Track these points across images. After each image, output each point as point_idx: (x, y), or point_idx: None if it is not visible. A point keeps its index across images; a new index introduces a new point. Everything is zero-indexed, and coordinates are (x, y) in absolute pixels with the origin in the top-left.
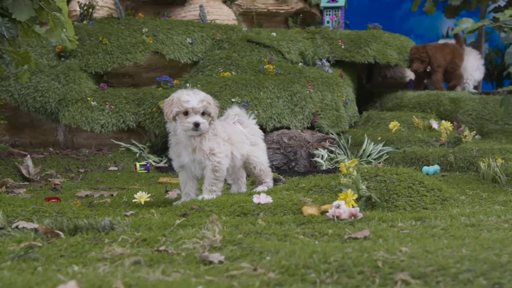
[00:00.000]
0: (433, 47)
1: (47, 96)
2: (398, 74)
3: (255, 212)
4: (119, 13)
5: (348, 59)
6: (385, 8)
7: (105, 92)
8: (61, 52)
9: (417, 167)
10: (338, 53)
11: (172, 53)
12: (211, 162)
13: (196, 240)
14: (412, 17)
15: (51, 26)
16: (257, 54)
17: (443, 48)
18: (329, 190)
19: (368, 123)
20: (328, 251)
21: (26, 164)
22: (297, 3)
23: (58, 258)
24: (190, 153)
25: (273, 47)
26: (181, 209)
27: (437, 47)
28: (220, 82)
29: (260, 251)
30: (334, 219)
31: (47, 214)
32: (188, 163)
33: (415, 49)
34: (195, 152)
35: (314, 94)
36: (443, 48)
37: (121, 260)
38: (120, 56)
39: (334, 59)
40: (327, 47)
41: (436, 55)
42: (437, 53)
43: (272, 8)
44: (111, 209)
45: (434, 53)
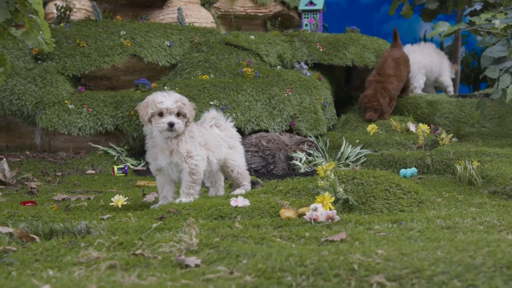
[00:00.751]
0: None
1: (23, 99)
2: None
3: (232, 215)
4: (97, 16)
5: (326, 62)
6: (364, 11)
7: (82, 95)
8: (37, 54)
9: (395, 169)
10: (316, 56)
11: (150, 56)
12: (188, 165)
13: (172, 244)
14: (391, 20)
15: (27, 29)
16: (235, 57)
17: (393, 81)
18: (307, 193)
19: (346, 126)
20: (305, 254)
21: (2, 168)
22: (275, 6)
23: (33, 262)
24: (167, 156)
25: (251, 50)
26: (158, 212)
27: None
28: (198, 85)
29: (236, 254)
30: (311, 222)
31: (23, 218)
32: (165, 166)
33: (366, 98)
34: (172, 155)
35: (292, 97)
36: (393, 82)
37: (96, 264)
38: (97, 59)
39: (312, 62)
40: (306, 50)
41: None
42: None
43: (251, 11)
44: (88, 212)
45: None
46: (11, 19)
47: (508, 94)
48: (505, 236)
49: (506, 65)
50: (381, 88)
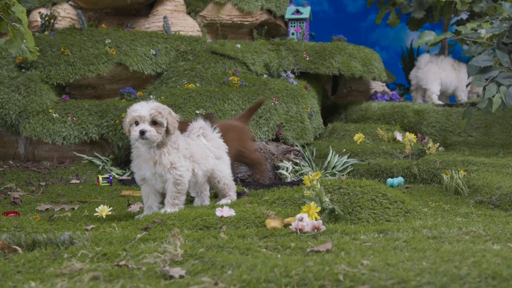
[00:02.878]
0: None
1: (7, 108)
2: (363, 86)
3: (217, 225)
4: (82, 24)
5: (313, 71)
6: (350, 20)
7: (67, 104)
8: (21, 63)
9: (382, 179)
10: (302, 64)
11: (135, 64)
12: (172, 175)
13: (157, 255)
14: (377, 29)
15: (10, 37)
16: (221, 65)
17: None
18: (293, 203)
19: (333, 135)
20: (290, 264)
21: None
22: (261, 15)
23: (15, 274)
24: (151, 166)
25: (237, 59)
26: (143, 222)
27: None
28: (184, 94)
29: (221, 265)
30: (297, 232)
31: (5, 228)
32: (149, 176)
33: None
34: (155, 165)
35: (279, 106)
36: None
37: (80, 275)
38: (82, 68)
39: (299, 71)
40: (292, 59)
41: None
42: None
43: (237, 20)
44: (72, 223)
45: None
46: None
47: (494, 104)
48: (491, 246)
49: (492, 75)
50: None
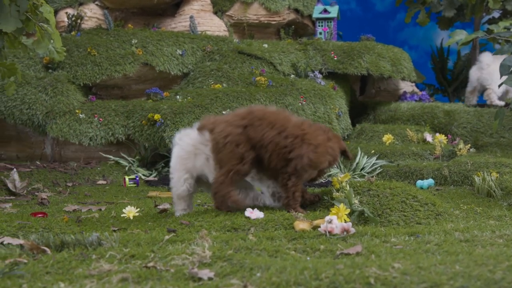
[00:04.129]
0: None
1: (34, 108)
2: (392, 86)
3: (245, 227)
4: (108, 24)
5: (341, 71)
6: (379, 19)
7: (93, 104)
8: (48, 63)
9: (411, 180)
10: (330, 64)
11: (162, 64)
12: None
13: (185, 256)
14: (406, 28)
15: (38, 37)
16: (248, 65)
17: None
18: (321, 205)
19: (361, 136)
20: (320, 267)
21: (12, 178)
22: (289, 14)
23: (44, 275)
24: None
25: (264, 59)
26: (170, 224)
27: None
28: (211, 94)
29: (250, 267)
30: (326, 234)
31: (34, 229)
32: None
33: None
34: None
35: (306, 106)
36: None
37: (108, 276)
38: (109, 68)
39: (326, 71)
40: (320, 59)
41: None
42: None
43: (264, 19)
44: (99, 224)
45: None
46: (22, 28)
47: None
48: None
49: None
50: None
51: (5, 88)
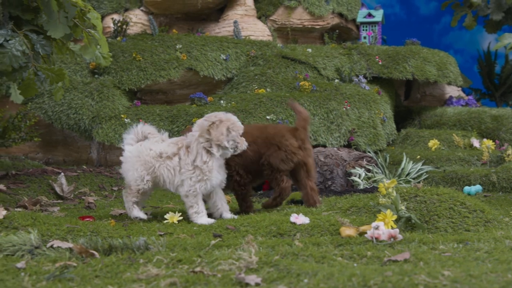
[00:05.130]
0: None
1: (80, 113)
2: (438, 91)
3: (291, 232)
4: (153, 30)
5: (386, 75)
6: (423, 23)
7: (138, 109)
8: (94, 69)
9: (458, 187)
10: (375, 69)
11: (206, 69)
12: None
13: (232, 261)
14: (451, 32)
15: (85, 43)
16: (292, 70)
17: None
18: (367, 211)
19: (407, 141)
20: (368, 274)
21: (60, 182)
22: (333, 19)
23: (93, 278)
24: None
25: (308, 64)
26: (216, 229)
27: None
28: (255, 99)
29: (297, 273)
30: (373, 240)
31: (82, 233)
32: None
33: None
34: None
35: (350, 111)
36: None
37: (156, 281)
38: (153, 73)
39: (371, 76)
40: (364, 63)
41: None
42: None
43: (308, 24)
44: (145, 228)
45: None
46: (70, 34)
47: None
48: None
49: None
50: None
51: (53, 93)
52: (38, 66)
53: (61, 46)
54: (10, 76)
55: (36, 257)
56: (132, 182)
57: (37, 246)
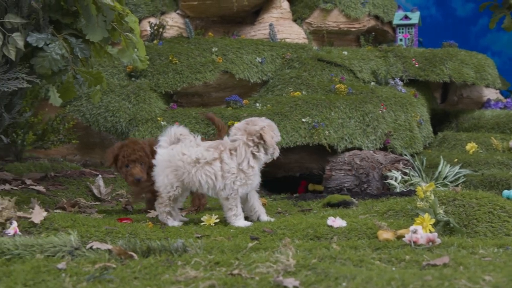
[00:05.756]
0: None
1: (117, 115)
2: (475, 93)
3: (328, 236)
4: (189, 33)
5: (422, 78)
6: (460, 25)
7: (174, 112)
8: (131, 72)
9: (497, 191)
10: (411, 71)
11: (241, 72)
12: None
13: (269, 264)
14: (489, 34)
15: (123, 47)
16: (328, 73)
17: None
18: (405, 214)
19: (444, 144)
20: (407, 278)
21: (97, 184)
22: (369, 21)
23: (132, 280)
24: None
25: (344, 66)
26: (252, 231)
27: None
28: (290, 102)
29: (335, 276)
30: (411, 244)
31: (120, 235)
32: None
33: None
34: None
35: (386, 114)
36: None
37: (195, 283)
38: (189, 76)
39: (407, 78)
40: (400, 66)
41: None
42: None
43: (344, 26)
44: (183, 230)
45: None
46: (108, 38)
47: None
48: None
49: None
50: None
51: (91, 96)
52: (77, 69)
53: (99, 49)
54: (50, 79)
55: (76, 258)
56: (161, 188)
57: (77, 247)
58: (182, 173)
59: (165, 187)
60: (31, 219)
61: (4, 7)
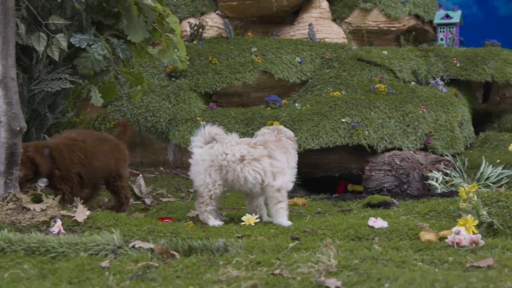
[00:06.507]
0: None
1: (158, 115)
2: None
3: (369, 236)
4: (229, 33)
5: (464, 77)
6: (502, 23)
7: (214, 111)
8: (171, 72)
9: None
10: (452, 71)
11: (280, 72)
12: None
13: (311, 264)
14: None
15: (163, 47)
16: (367, 73)
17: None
18: (447, 215)
19: (485, 145)
20: (451, 280)
21: (138, 183)
22: (409, 20)
23: (175, 279)
24: None
25: (384, 66)
26: (293, 231)
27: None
28: (330, 102)
29: (378, 277)
30: (454, 246)
31: (162, 234)
32: None
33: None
34: None
35: (427, 114)
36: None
37: (237, 282)
38: (229, 76)
39: (448, 78)
40: (441, 65)
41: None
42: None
43: (383, 26)
44: (223, 230)
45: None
46: (149, 38)
47: None
48: None
49: None
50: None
51: (132, 96)
52: (118, 70)
53: (140, 50)
54: (92, 80)
55: (119, 257)
56: (203, 188)
57: (120, 246)
58: (227, 171)
59: (207, 186)
60: (75, 218)
61: (49, 9)
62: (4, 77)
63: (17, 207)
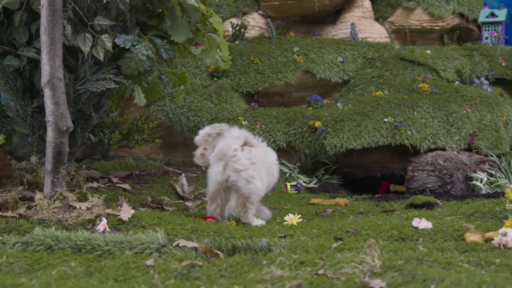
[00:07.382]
0: None
1: (200, 115)
2: None
3: (413, 237)
4: (271, 33)
5: (509, 77)
6: None
7: (255, 111)
8: (213, 72)
9: None
10: (498, 70)
11: (322, 72)
12: None
13: (355, 265)
14: None
15: (206, 47)
16: (410, 72)
17: None
18: (493, 217)
19: None
20: (498, 282)
21: (181, 183)
22: (453, 19)
23: (219, 278)
24: None
25: (427, 65)
26: (336, 232)
27: None
28: (372, 102)
29: (423, 278)
30: (501, 247)
31: (205, 233)
32: None
33: None
34: None
35: (471, 114)
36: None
37: (281, 282)
38: (271, 76)
39: (493, 77)
40: (486, 65)
41: None
42: None
43: (427, 25)
44: (266, 229)
45: None
46: (192, 38)
47: None
48: None
49: None
50: None
51: (175, 96)
52: (162, 70)
53: (183, 50)
54: (136, 80)
55: (163, 256)
56: (254, 193)
57: (164, 244)
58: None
59: (259, 190)
60: (120, 217)
61: (94, 10)
62: (51, 77)
63: (64, 205)
